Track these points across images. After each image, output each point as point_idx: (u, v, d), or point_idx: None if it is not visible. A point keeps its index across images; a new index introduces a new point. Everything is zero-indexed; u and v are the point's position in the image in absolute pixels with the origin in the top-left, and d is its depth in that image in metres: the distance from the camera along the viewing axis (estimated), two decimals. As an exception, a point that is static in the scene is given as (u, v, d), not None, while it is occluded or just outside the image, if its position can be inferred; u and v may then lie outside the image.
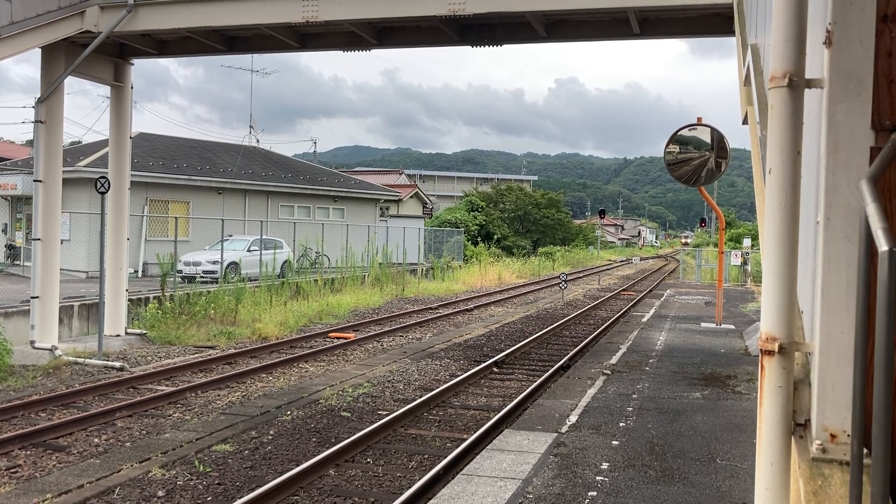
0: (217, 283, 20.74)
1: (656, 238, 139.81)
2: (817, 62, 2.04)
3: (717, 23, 11.64)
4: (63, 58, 13.69)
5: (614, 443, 7.62)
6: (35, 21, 12.22)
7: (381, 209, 38.67)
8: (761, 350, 2.03)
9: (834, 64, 1.90)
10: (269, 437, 8.86)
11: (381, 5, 11.99)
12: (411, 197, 47.47)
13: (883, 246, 1.39)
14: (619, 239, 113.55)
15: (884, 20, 1.88)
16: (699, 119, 14.37)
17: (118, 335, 14.95)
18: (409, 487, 6.82)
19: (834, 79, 1.90)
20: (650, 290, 31.37)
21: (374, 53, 16.78)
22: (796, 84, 1.99)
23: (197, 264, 22.53)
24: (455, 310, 22.62)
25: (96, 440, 8.69)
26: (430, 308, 23.00)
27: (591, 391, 10.14)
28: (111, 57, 14.90)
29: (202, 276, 21.94)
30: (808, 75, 2.02)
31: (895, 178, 1.87)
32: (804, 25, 2.01)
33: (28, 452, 8.20)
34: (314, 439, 8.82)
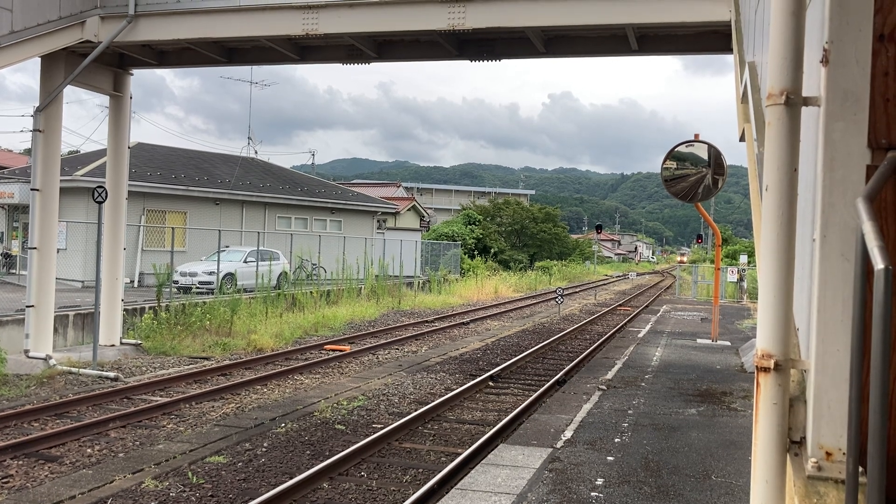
0: (213, 293, 20.69)
1: (653, 254, 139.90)
2: (814, 80, 2.05)
3: (715, 40, 11.74)
4: (63, 67, 13.71)
5: (609, 458, 7.59)
6: (35, 31, 12.24)
7: (378, 222, 38.68)
8: (757, 367, 2.02)
9: (831, 82, 1.91)
10: (263, 450, 8.81)
11: (381, 19, 12.04)
12: (409, 210, 47.45)
13: (879, 264, 1.40)
14: (615, 254, 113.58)
15: (880, 39, 1.90)
16: (696, 136, 14.44)
17: (113, 345, 14.89)
18: (404, 502, 6.78)
19: (831, 97, 1.91)
20: (646, 306, 31.36)
21: (369, 67, 16.82)
22: (793, 102, 2.00)
23: (193, 275, 22.50)
24: (451, 323, 22.58)
25: (89, 451, 8.64)
26: (426, 321, 22.96)
27: (587, 406, 10.12)
28: (111, 67, 14.92)
29: (198, 287, 21.93)
30: (805, 93, 2.03)
31: (891, 197, 1.88)
32: (801, 44, 2.02)
33: (20, 462, 8.14)
34: (308, 452, 8.78)
